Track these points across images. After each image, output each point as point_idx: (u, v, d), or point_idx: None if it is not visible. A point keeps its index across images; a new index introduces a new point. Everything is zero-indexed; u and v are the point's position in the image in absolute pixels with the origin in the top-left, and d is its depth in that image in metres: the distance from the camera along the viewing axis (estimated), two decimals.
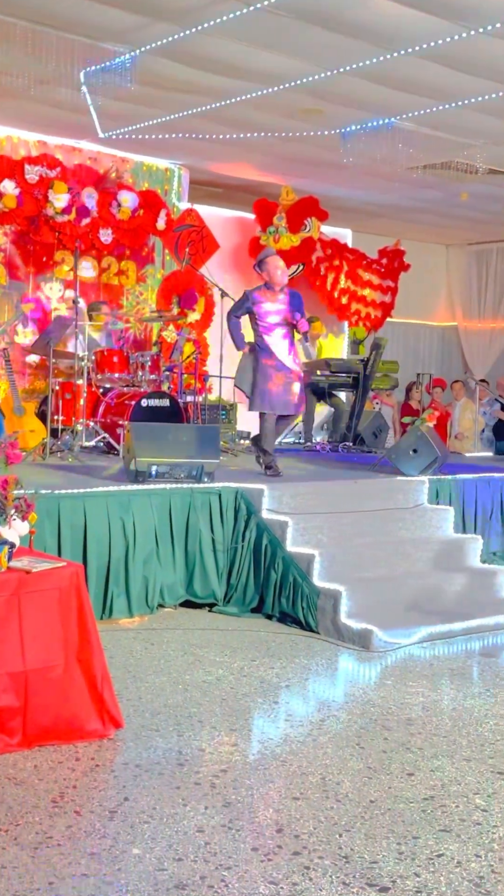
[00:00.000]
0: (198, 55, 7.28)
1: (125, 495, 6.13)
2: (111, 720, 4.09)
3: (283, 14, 6.43)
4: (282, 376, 7.17)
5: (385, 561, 6.58)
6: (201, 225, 10.90)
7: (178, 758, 3.89)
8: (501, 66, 7.27)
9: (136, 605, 6.07)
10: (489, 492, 7.88)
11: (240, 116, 8.76)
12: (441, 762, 3.95)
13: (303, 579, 6.08)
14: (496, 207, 12.15)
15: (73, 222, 9.46)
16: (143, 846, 3.12)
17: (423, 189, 11.18)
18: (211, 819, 3.34)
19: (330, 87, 7.87)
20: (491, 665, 5.54)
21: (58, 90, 8.04)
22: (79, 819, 3.31)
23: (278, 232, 11.20)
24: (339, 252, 11.94)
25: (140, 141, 9.67)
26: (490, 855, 3.15)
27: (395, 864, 3.06)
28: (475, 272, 14.93)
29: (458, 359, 15.16)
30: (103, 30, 6.83)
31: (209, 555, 6.40)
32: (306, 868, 3.02)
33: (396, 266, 12.63)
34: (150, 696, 4.63)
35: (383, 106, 8.34)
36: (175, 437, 6.59)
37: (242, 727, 4.32)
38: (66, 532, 5.85)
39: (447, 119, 8.58)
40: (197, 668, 5.10)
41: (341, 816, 3.41)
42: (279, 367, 7.18)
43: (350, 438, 10.19)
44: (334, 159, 9.82)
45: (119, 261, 10.33)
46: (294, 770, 3.82)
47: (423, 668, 5.34)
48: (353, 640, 5.71)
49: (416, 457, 7.59)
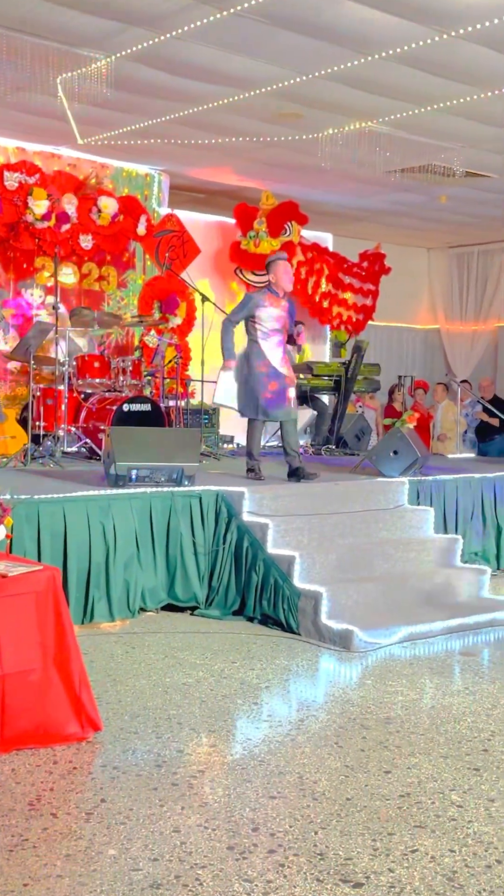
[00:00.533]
0: (174, 60, 7.31)
1: (105, 499, 6.14)
2: (89, 723, 4.09)
3: (258, 19, 6.47)
4: (276, 383, 7.07)
5: (365, 562, 6.61)
6: (182, 230, 10.93)
7: (157, 759, 3.90)
8: (476, 70, 7.34)
9: (117, 609, 6.07)
10: (469, 492, 7.92)
11: (218, 121, 8.80)
12: (418, 759, 3.97)
13: (283, 581, 6.10)
14: (475, 210, 12.23)
15: (53, 228, 9.48)
16: (119, 847, 3.12)
17: (403, 192, 11.25)
18: (187, 819, 3.35)
19: (307, 92, 7.92)
20: (470, 664, 5.57)
21: (35, 97, 8.05)
22: (55, 821, 3.31)
23: (259, 236, 11.25)
24: (319, 256, 12.00)
25: (119, 147, 9.70)
26: (464, 850, 3.17)
27: (370, 861, 3.08)
28: (456, 275, 15.02)
29: (441, 361, 15.23)
30: (79, 36, 6.85)
31: (190, 558, 6.41)
32: (281, 865, 3.03)
33: (377, 269, 12.70)
34: (129, 698, 4.64)
35: (361, 110, 8.40)
36: (155, 440, 6.60)
37: (221, 728, 4.33)
38: (46, 537, 5.84)
39: (424, 122, 8.64)
40: (177, 671, 5.11)
41: (317, 814, 3.42)
42: (273, 374, 7.07)
43: (333, 441, 10.23)
44: (313, 163, 9.88)
45: (100, 266, 10.35)
46: (272, 769, 3.83)
47: (403, 667, 5.36)
48: (334, 640, 5.73)
49: (397, 458, 7.62)
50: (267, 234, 11.25)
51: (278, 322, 7.10)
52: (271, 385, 7.07)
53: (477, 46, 6.86)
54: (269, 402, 7.08)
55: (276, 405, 7.10)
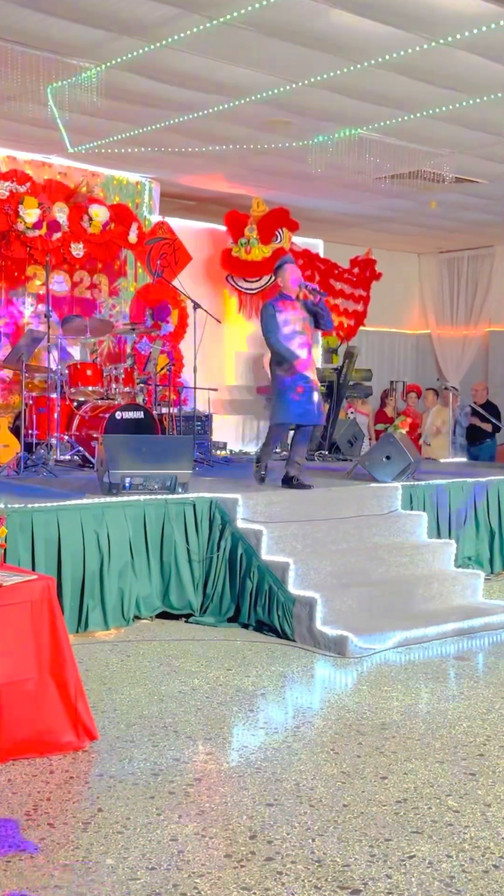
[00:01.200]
0: (164, 69, 7.33)
1: (99, 508, 6.14)
2: (85, 732, 4.09)
3: (247, 28, 6.49)
4: (301, 386, 7.05)
5: (359, 567, 6.62)
6: (173, 237, 10.95)
7: (153, 768, 3.90)
8: (463, 76, 7.37)
9: (111, 618, 6.07)
10: (462, 497, 7.94)
11: (208, 129, 8.82)
12: (414, 765, 3.98)
13: (278, 587, 6.10)
14: (465, 215, 12.28)
15: (44, 237, 9.48)
16: (117, 856, 3.12)
17: (393, 198, 11.29)
18: (185, 827, 3.35)
19: (296, 99, 7.94)
20: (465, 668, 5.58)
21: (25, 106, 8.05)
22: (52, 831, 3.31)
23: (250, 243, 11.27)
24: (310, 262, 12.03)
25: (110, 155, 9.71)
26: (461, 855, 3.18)
27: (367, 867, 3.08)
28: (447, 280, 15.07)
29: (432, 366, 15.27)
30: (68, 45, 6.86)
31: (184, 565, 6.41)
32: (279, 873, 3.03)
33: (368, 275, 12.73)
34: (125, 707, 4.64)
35: (350, 117, 8.43)
36: (148, 448, 6.60)
37: (218, 736, 4.33)
38: (40, 546, 5.84)
39: (413, 129, 8.67)
40: (173, 679, 5.11)
41: (314, 821, 3.43)
42: (299, 377, 7.05)
43: (325, 447, 10.24)
44: (304, 170, 9.90)
45: (91, 274, 10.36)
46: (268, 777, 3.83)
47: (399, 672, 5.37)
48: (329, 646, 5.74)
49: (389, 463, 7.64)
50: (258, 241, 11.27)
51: (296, 325, 7.11)
52: (298, 388, 7.06)
53: (465, 53, 6.89)
54: (296, 405, 7.05)
55: (302, 408, 7.06)
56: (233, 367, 12.02)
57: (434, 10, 6.20)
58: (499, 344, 14.60)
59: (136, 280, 10.81)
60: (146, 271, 10.77)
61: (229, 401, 11.62)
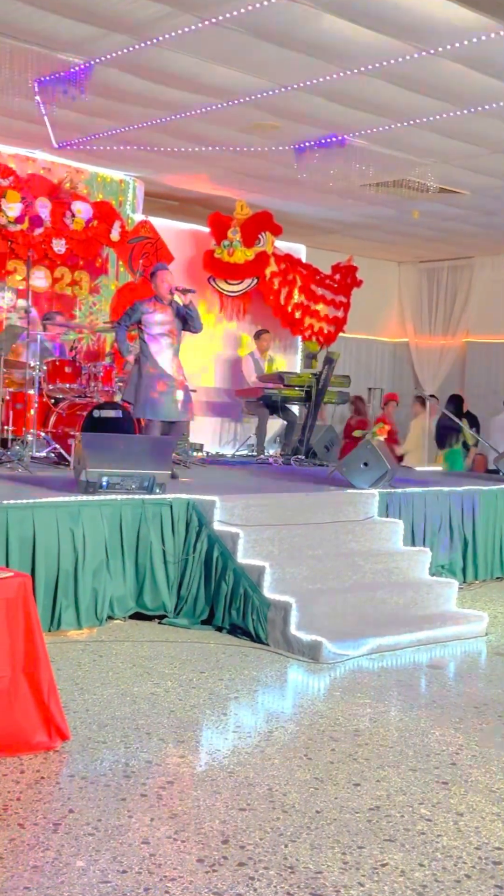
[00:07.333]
0: (153, 68, 7.30)
1: (75, 506, 6.09)
2: (57, 732, 4.05)
3: (238, 30, 6.49)
4: (164, 384, 7.67)
5: (335, 573, 6.61)
6: (156, 237, 10.91)
7: (125, 770, 3.86)
8: (453, 87, 7.41)
9: (85, 617, 6.02)
10: (437, 505, 7.96)
11: (195, 130, 8.80)
12: (387, 772, 3.98)
13: (253, 591, 6.09)
14: (447, 226, 12.34)
15: (25, 232, 9.42)
16: (87, 858, 3.09)
17: (376, 206, 11.33)
18: (156, 830, 3.32)
19: (284, 103, 7.95)
20: (438, 676, 5.59)
21: (11, 99, 8.00)
22: (22, 832, 3.27)
23: (233, 246, 11.26)
24: (292, 267, 12.02)
25: (95, 152, 9.67)
26: (433, 864, 3.18)
27: (340, 874, 3.07)
28: (426, 289, 15.14)
29: (409, 374, 15.34)
30: (58, 40, 6.82)
31: (160, 566, 6.37)
32: (251, 878, 3.01)
33: (349, 282, 12.75)
34: (97, 708, 4.60)
35: (337, 123, 8.44)
36: (127, 448, 6.56)
37: (190, 739, 4.30)
38: (14, 543, 5.78)
39: (399, 137, 8.71)
40: (145, 681, 5.08)
41: (287, 827, 3.41)
42: (162, 374, 7.68)
43: (302, 452, 10.25)
44: (289, 175, 9.91)
45: (72, 271, 10.30)
46: (241, 781, 3.81)
47: (372, 679, 5.37)
48: (303, 651, 5.73)
49: (367, 470, 7.64)
50: (241, 244, 11.26)
51: (164, 327, 7.71)
52: (160, 385, 7.68)
53: (454, 64, 6.93)
54: (159, 402, 7.67)
55: (165, 405, 7.68)
56: (212, 370, 12.01)
57: (425, 21, 6.23)
58: (476, 354, 14.70)
59: (117, 279, 10.76)
60: (128, 270, 10.73)
61: (207, 402, 11.60)
